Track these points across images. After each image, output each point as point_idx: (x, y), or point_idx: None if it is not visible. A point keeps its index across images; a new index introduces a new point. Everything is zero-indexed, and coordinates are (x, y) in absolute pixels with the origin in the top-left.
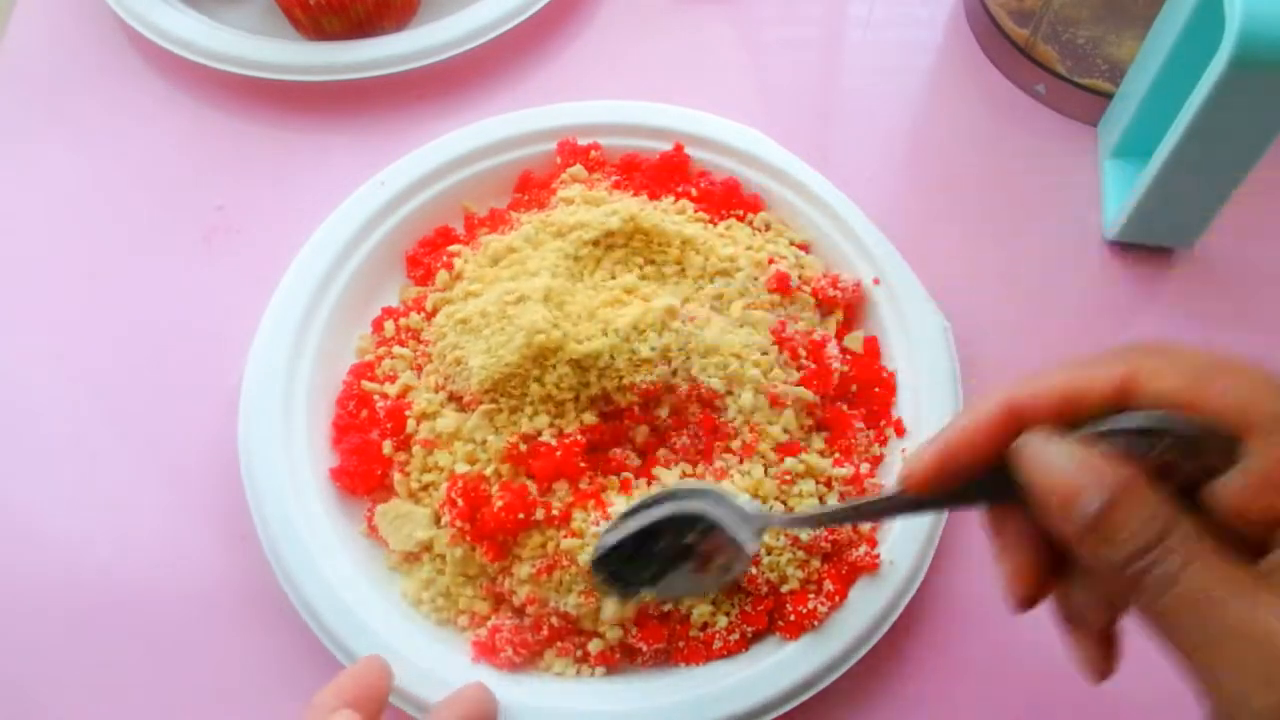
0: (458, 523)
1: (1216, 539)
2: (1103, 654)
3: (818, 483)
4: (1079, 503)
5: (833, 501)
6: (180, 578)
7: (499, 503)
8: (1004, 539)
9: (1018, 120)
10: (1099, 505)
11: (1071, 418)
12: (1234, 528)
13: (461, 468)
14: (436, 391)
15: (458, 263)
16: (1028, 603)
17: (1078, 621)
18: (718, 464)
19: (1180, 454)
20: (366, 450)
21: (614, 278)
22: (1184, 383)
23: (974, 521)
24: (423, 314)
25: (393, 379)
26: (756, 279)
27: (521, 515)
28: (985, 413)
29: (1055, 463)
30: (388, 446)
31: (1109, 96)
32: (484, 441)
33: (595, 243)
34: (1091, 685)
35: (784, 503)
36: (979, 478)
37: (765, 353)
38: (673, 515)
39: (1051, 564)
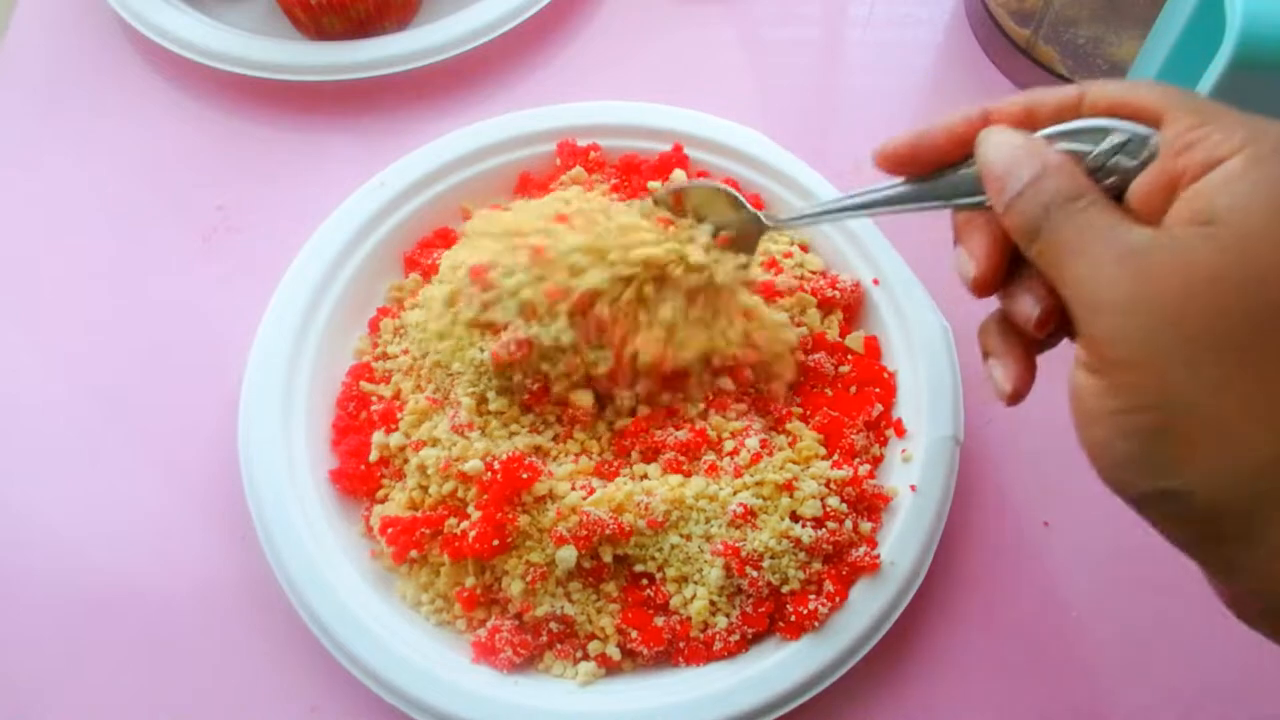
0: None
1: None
2: (1020, 373)
3: (818, 484)
4: (1012, 176)
5: (835, 501)
6: (180, 578)
7: (472, 534)
8: (968, 228)
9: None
10: (1029, 177)
11: (1032, 124)
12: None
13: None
14: (418, 391)
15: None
16: (981, 283)
17: (1008, 336)
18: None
19: (1121, 154)
20: (365, 452)
21: None
22: (1120, 90)
23: (974, 523)
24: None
25: (388, 379)
26: None
27: (496, 542)
28: (962, 111)
29: (1006, 141)
30: (375, 452)
31: None
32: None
33: None
34: (1005, 405)
35: (790, 495)
36: (948, 166)
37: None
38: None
39: (1004, 259)
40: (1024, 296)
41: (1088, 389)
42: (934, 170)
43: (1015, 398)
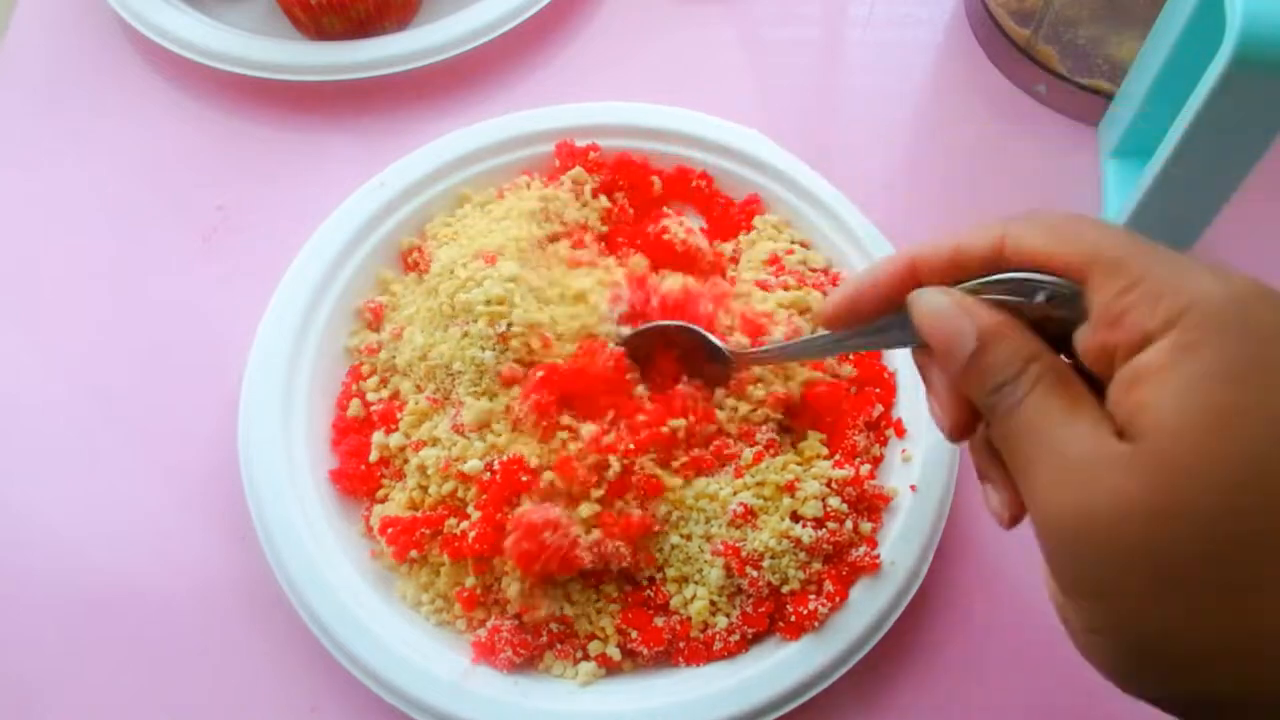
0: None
1: (1080, 380)
2: (1015, 500)
3: (820, 484)
4: (957, 345)
5: (835, 501)
6: (180, 578)
7: (472, 534)
8: (930, 370)
9: (1018, 120)
10: (973, 346)
11: (959, 274)
12: (1094, 372)
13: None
14: (418, 392)
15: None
16: (957, 431)
17: (992, 466)
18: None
19: (1057, 305)
20: (365, 452)
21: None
22: (1042, 239)
23: (974, 522)
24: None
25: (385, 379)
26: None
27: (496, 542)
28: (889, 263)
29: (939, 310)
30: (374, 452)
31: (1109, 96)
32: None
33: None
34: (1003, 529)
35: (791, 495)
36: (884, 320)
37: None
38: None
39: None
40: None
41: (1058, 600)
42: (875, 319)
43: (1014, 523)
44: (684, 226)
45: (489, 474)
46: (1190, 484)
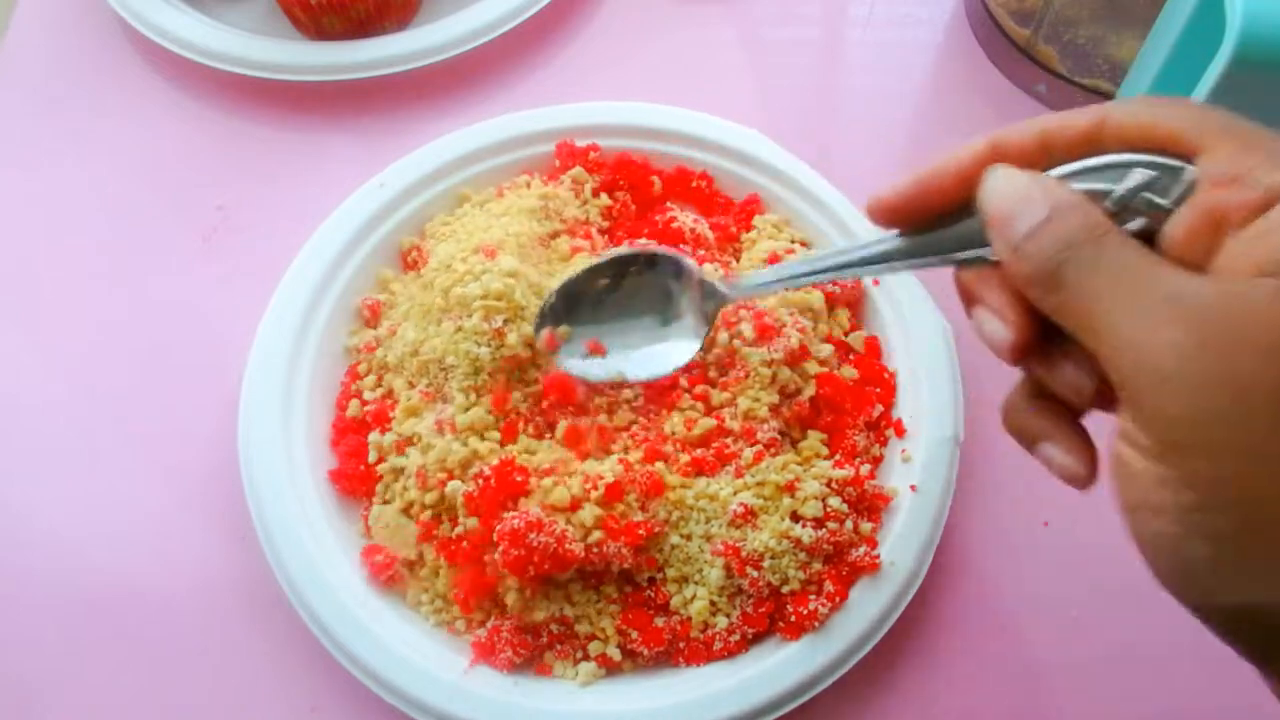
0: (434, 545)
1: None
2: (1083, 453)
3: (820, 484)
4: (1020, 217)
5: (835, 501)
6: (179, 578)
7: (466, 526)
8: (983, 286)
9: (1018, 120)
10: (1040, 218)
11: (1047, 157)
12: (1186, 261)
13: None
14: (409, 389)
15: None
16: (1019, 347)
17: (1049, 411)
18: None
19: (1148, 192)
20: (364, 452)
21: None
22: (1144, 114)
23: (974, 522)
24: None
25: (380, 378)
26: None
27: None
28: (968, 145)
29: (1006, 183)
30: (373, 452)
31: (1109, 96)
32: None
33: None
34: (1081, 490)
35: (791, 495)
36: (952, 214)
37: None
38: (641, 254)
39: (1037, 314)
40: (1066, 365)
41: (1146, 477)
42: (933, 221)
43: (1091, 481)
44: (690, 216)
45: (477, 484)
46: None
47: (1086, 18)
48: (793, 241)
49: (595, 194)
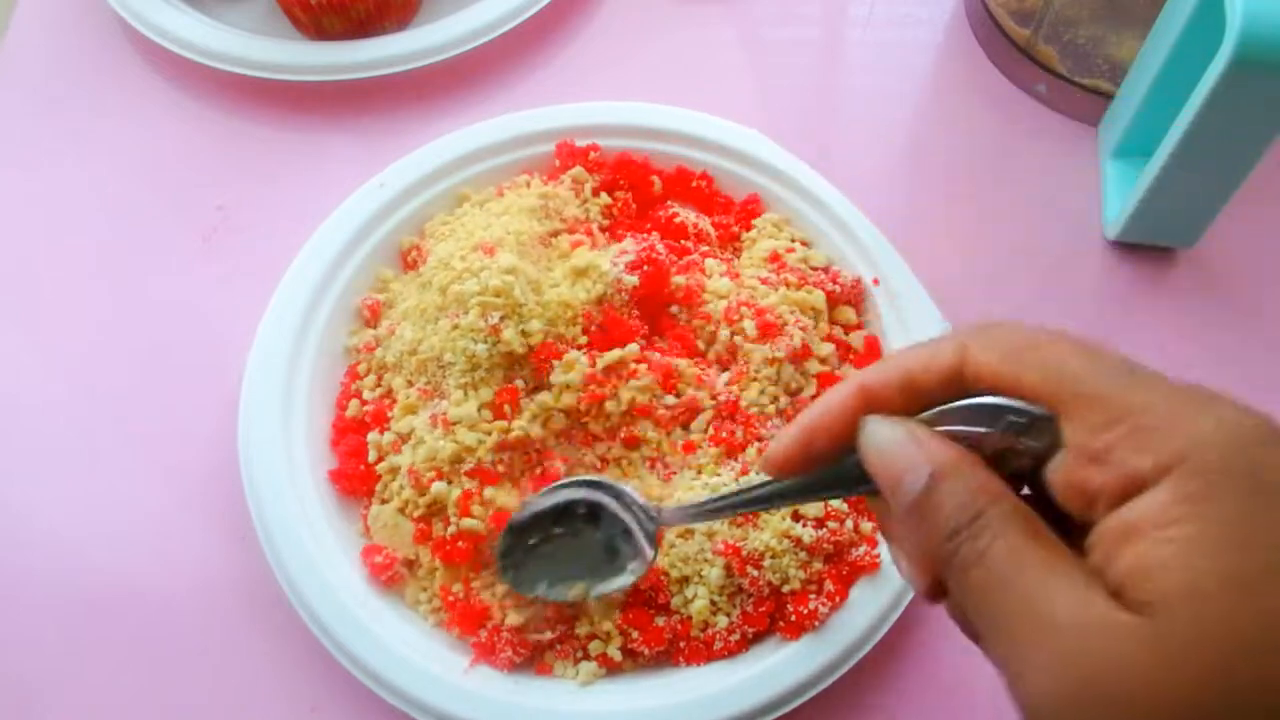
0: (430, 547)
1: (1049, 521)
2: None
3: None
4: (904, 483)
5: (836, 500)
6: (179, 578)
7: (460, 543)
8: (893, 531)
9: (1018, 120)
10: (921, 486)
11: (914, 399)
12: (1069, 510)
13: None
14: (407, 388)
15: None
16: (931, 591)
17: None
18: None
19: (1022, 433)
20: (364, 452)
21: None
22: (1001, 362)
23: None
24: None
25: (380, 377)
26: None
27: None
28: (839, 395)
29: (884, 444)
30: (372, 451)
31: (1109, 96)
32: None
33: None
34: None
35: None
36: (838, 460)
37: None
38: (575, 500)
39: None
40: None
41: None
42: (824, 465)
43: None
44: (693, 213)
45: (465, 483)
46: (1225, 667)
47: (1086, 18)
48: (793, 240)
49: (595, 193)
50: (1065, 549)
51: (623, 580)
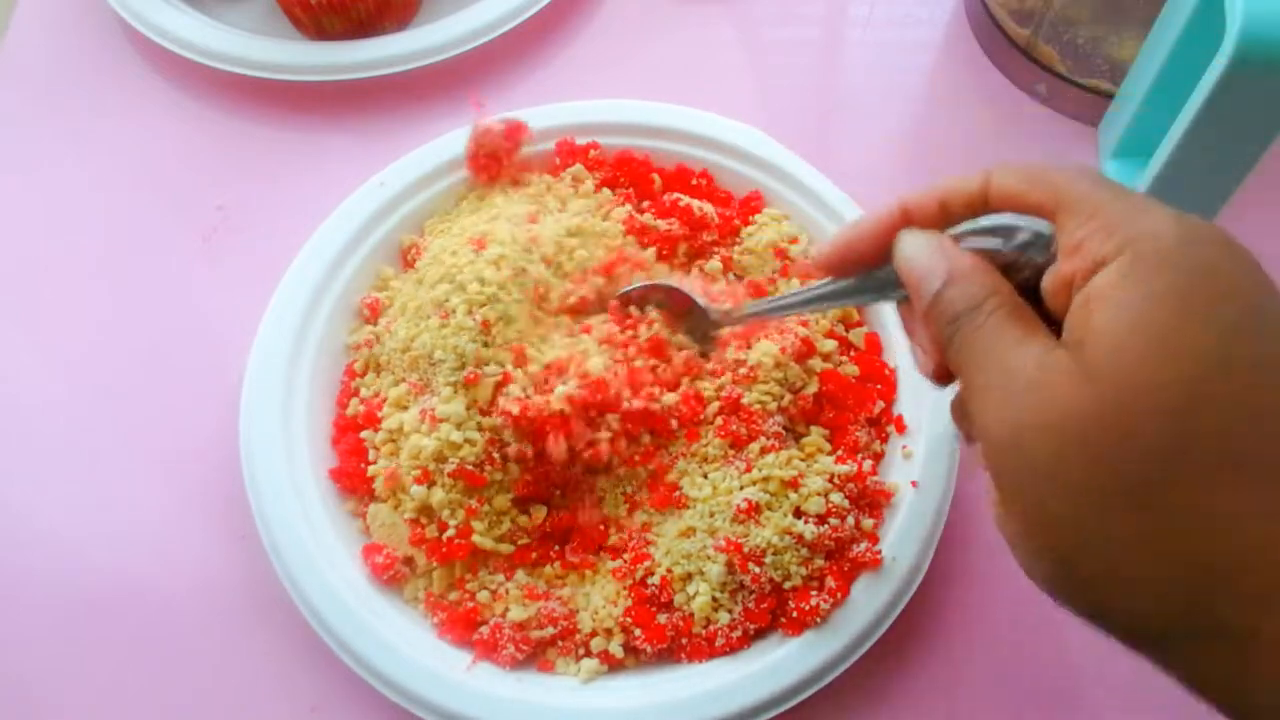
0: (424, 547)
1: (1037, 316)
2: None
3: (824, 480)
4: (927, 281)
5: (838, 497)
6: (180, 577)
7: (452, 529)
8: (912, 320)
9: (1018, 120)
10: (939, 284)
11: (947, 218)
12: (1055, 311)
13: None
14: (397, 385)
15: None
16: (937, 375)
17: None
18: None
19: (1033, 248)
20: (363, 450)
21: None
22: (1016, 181)
23: (975, 518)
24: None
25: (378, 374)
26: None
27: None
28: (884, 209)
29: (914, 251)
30: (370, 450)
31: (1109, 96)
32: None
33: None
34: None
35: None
36: (875, 271)
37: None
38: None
39: None
40: None
41: (996, 509)
42: (867, 269)
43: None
44: (697, 201)
45: (448, 484)
46: (1128, 401)
47: (1086, 18)
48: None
49: (597, 189)
50: (1045, 329)
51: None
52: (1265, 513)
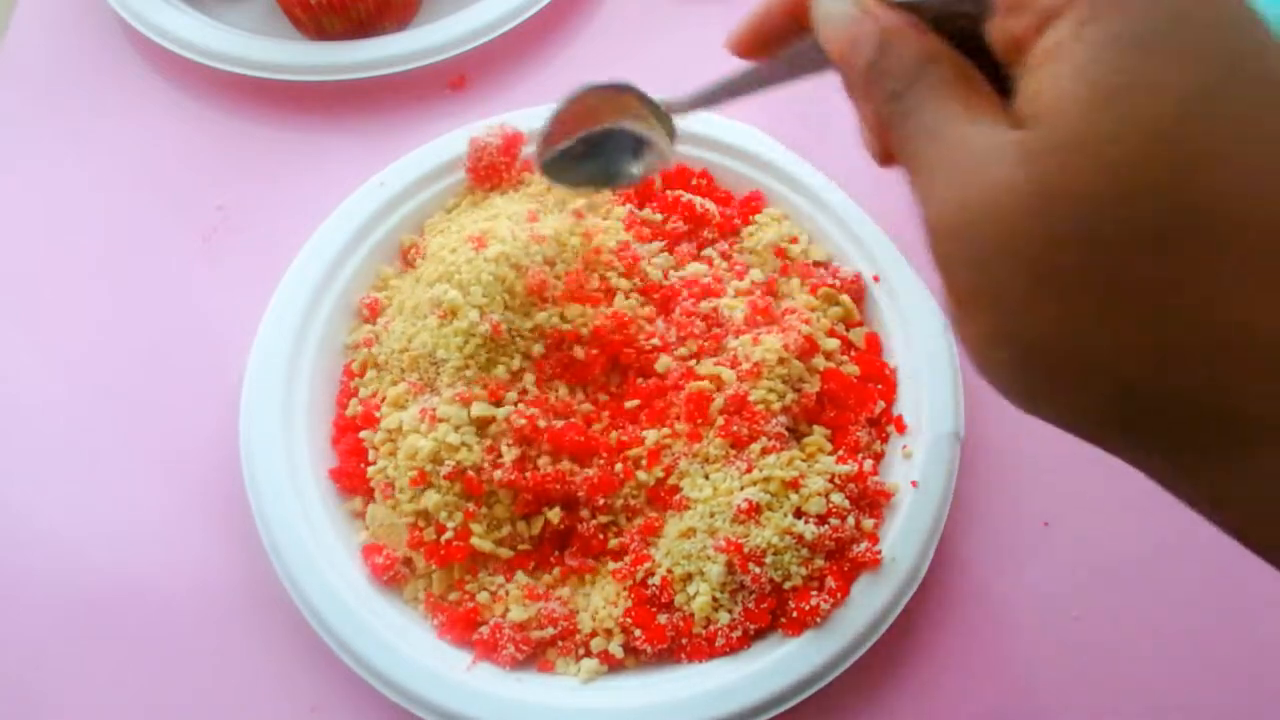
0: (422, 549)
1: (992, 80)
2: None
3: (824, 480)
4: (857, 52)
5: (838, 497)
6: (181, 577)
7: (450, 532)
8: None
9: None
10: (870, 53)
11: None
12: (1008, 68)
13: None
14: (396, 384)
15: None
16: (884, 156)
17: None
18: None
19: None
20: (363, 450)
21: None
22: None
23: (975, 520)
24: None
25: (378, 374)
26: None
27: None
28: None
29: (834, 16)
30: (372, 452)
31: None
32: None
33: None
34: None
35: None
36: (796, 42)
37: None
38: (607, 130)
39: None
40: None
41: (950, 310)
42: (786, 43)
43: None
44: (698, 197)
45: (444, 485)
46: (1078, 163)
47: None
48: (793, 240)
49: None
50: (994, 98)
51: (638, 170)
52: (1232, 279)
